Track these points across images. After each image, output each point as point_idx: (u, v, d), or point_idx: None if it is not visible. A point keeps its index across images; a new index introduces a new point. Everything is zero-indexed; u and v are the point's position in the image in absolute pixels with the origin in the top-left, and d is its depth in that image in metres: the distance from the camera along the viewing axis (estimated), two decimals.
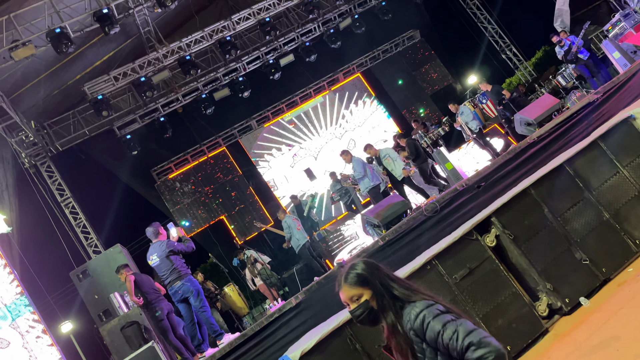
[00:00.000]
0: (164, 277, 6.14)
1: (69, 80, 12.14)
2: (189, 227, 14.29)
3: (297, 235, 9.59)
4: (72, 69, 11.76)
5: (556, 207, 4.97)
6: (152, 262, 6.25)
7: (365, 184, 8.89)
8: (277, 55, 14.32)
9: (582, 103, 6.19)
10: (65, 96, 12.56)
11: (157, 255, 6.20)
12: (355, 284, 2.01)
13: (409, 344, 1.93)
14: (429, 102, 17.16)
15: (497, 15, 16.28)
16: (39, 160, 12.34)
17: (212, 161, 15.21)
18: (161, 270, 6.14)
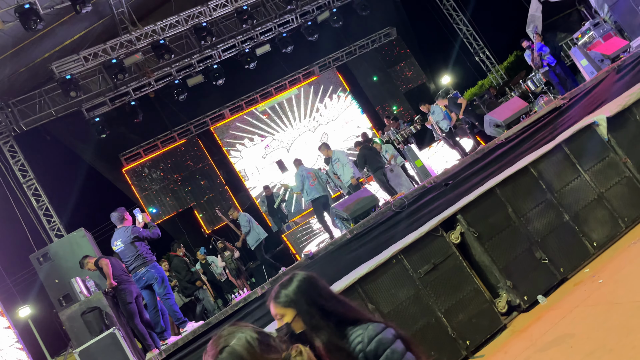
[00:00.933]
0: (128, 263, 6.05)
1: (37, 58, 11.75)
2: (157, 214, 14.09)
3: (257, 230, 9.13)
4: (40, 47, 11.38)
5: (520, 207, 5.10)
6: (116, 248, 6.15)
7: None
8: (254, 45, 14.20)
9: (549, 108, 6.37)
10: (33, 74, 12.16)
11: (122, 240, 6.11)
12: (280, 303, 1.96)
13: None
14: (403, 100, 17.33)
15: (472, 17, 16.53)
16: (1, 140, 11.96)
17: (182, 148, 15.02)
18: (125, 256, 6.05)
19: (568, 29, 13.73)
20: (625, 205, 5.33)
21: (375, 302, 4.56)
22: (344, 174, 8.83)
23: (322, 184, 8.91)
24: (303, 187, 8.71)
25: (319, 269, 5.35)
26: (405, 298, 4.63)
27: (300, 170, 8.92)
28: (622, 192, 5.42)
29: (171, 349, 5.19)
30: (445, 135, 10.57)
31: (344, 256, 5.47)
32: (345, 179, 8.82)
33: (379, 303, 4.57)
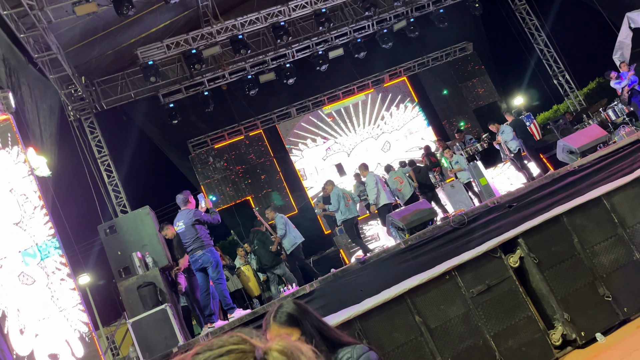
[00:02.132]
0: (187, 244, 6.29)
1: (123, 43, 12.46)
2: (216, 202, 14.52)
3: (294, 234, 8.98)
4: (128, 32, 12.06)
5: (587, 238, 4.88)
6: (177, 228, 6.41)
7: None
8: (327, 47, 14.37)
9: (631, 139, 6.05)
10: (118, 57, 12.90)
11: (184, 222, 6.35)
12: (285, 323, 1.93)
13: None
14: (471, 117, 16.94)
15: (554, 38, 15.92)
16: (83, 115, 12.74)
17: (247, 142, 15.40)
18: (185, 237, 6.30)
19: None
20: None
21: (423, 315, 4.50)
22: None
23: (355, 205, 9.13)
24: (339, 206, 8.80)
25: (369, 275, 5.34)
26: (455, 316, 4.54)
27: (336, 190, 9.11)
28: None
29: (217, 332, 5.34)
30: (513, 156, 10.26)
31: (395, 266, 5.43)
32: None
33: (427, 317, 4.50)
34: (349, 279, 5.42)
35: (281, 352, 0.85)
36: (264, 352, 0.85)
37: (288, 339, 0.89)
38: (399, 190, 10.19)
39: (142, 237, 6.93)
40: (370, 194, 9.07)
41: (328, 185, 9.40)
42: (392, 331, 4.42)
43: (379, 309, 4.48)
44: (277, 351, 0.85)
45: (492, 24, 16.36)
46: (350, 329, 4.45)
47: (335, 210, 8.91)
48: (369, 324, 4.45)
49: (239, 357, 0.83)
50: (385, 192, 8.95)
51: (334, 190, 9.04)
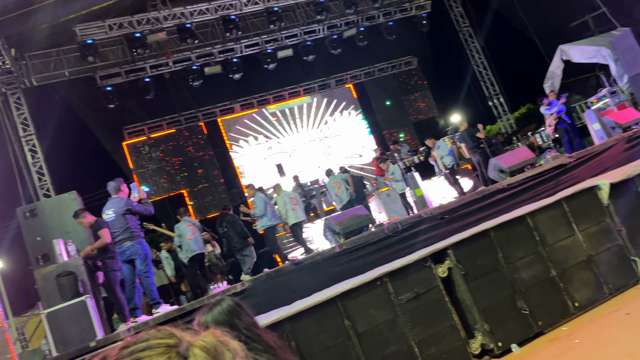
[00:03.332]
0: (116, 234, 6.01)
1: (61, 17, 11.77)
2: (148, 193, 14.02)
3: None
4: (68, 7, 11.40)
5: (510, 254, 5.14)
6: (106, 217, 6.11)
7: (263, 222, 8.58)
8: (277, 47, 14.30)
9: (556, 163, 6.44)
10: (54, 32, 12.16)
11: (114, 210, 6.07)
12: (218, 322, 1.89)
13: None
14: (411, 129, 17.44)
15: (493, 62, 16.73)
16: (10, 89, 11.91)
17: (186, 133, 15.02)
18: (114, 226, 6.01)
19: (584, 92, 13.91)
20: (612, 272, 5.38)
21: (353, 319, 4.56)
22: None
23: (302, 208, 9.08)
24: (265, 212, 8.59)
25: (303, 276, 5.35)
26: (383, 321, 4.63)
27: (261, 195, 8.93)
28: (611, 259, 5.47)
29: (141, 327, 5.14)
30: (447, 172, 10.62)
31: (329, 269, 5.47)
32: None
33: (356, 321, 4.56)
34: (282, 279, 5.40)
35: (203, 348, 0.83)
36: (187, 347, 0.83)
37: (216, 333, 0.88)
38: (337, 195, 10.30)
39: (66, 223, 6.57)
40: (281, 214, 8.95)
41: (250, 189, 9.12)
42: (321, 333, 4.44)
43: (309, 311, 4.48)
44: (199, 347, 0.84)
45: (437, 42, 16.96)
46: (280, 329, 4.43)
47: (260, 216, 8.65)
48: (299, 325, 4.45)
49: (163, 351, 0.82)
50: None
51: (257, 195, 8.86)
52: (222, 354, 0.84)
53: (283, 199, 8.95)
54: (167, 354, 0.82)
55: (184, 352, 0.82)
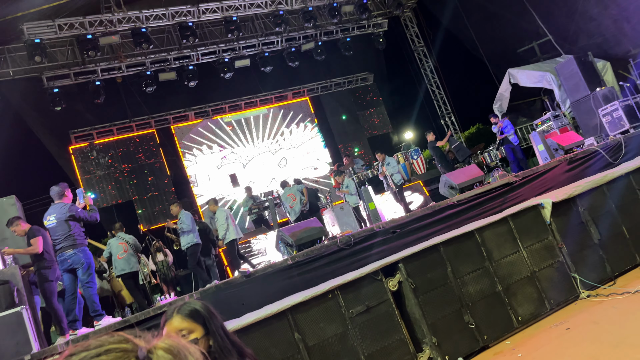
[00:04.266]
0: (57, 241, 5.72)
1: (8, 15, 11.26)
2: (95, 199, 13.51)
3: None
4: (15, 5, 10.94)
5: (458, 268, 5.25)
6: (47, 223, 5.81)
7: (187, 239, 8.43)
8: (234, 56, 14.22)
9: (503, 181, 6.67)
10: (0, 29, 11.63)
11: (56, 216, 5.78)
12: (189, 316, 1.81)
13: None
14: (365, 144, 17.68)
15: (446, 82, 17.27)
16: None
17: (137, 140, 14.61)
18: (56, 233, 5.72)
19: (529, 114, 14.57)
20: (553, 288, 5.58)
21: (303, 332, 4.51)
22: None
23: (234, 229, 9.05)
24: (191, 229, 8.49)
25: (254, 288, 5.26)
26: (333, 334, 4.60)
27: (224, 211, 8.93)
28: (553, 275, 5.68)
29: (80, 340, 4.90)
30: (396, 189, 10.72)
31: (280, 281, 5.41)
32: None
33: (306, 334, 4.52)
34: (232, 291, 5.29)
35: (167, 350, 0.79)
36: (148, 350, 0.78)
37: (176, 338, 0.84)
38: (291, 207, 10.26)
39: (3, 230, 6.21)
40: (220, 230, 8.84)
41: (175, 206, 8.89)
42: (270, 347, 4.37)
43: (259, 324, 4.41)
44: (162, 349, 0.79)
45: (393, 59, 17.36)
46: None
47: (186, 231, 8.42)
48: (247, 338, 4.36)
49: (120, 356, 0.76)
50: (234, 227, 8.80)
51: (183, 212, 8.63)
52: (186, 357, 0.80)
53: (225, 213, 8.90)
54: (124, 359, 0.76)
55: (144, 356, 0.77)
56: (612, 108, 9.09)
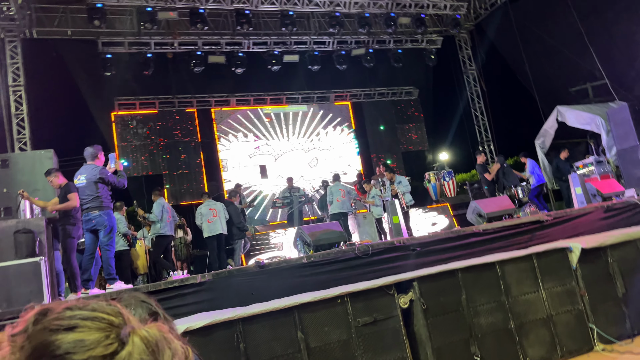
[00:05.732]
0: (84, 201, 5.85)
1: None
2: (127, 167, 13.81)
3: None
4: None
5: (473, 297, 5.13)
6: (77, 182, 5.95)
7: (153, 229, 8.35)
8: (284, 50, 14.32)
9: (533, 218, 6.51)
10: None
11: (86, 177, 5.91)
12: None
13: None
14: (399, 158, 17.55)
15: (491, 109, 16.98)
16: (9, 37, 11.66)
17: (177, 116, 14.86)
18: (84, 193, 5.85)
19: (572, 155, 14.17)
20: (568, 335, 5.41)
21: (307, 332, 4.49)
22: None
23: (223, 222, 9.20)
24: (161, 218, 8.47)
25: (265, 280, 5.27)
26: (336, 340, 4.57)
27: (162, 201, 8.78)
28: (569, 322, 5.51)
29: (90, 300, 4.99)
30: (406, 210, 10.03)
31: (292, 278, 5.39)
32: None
33: (309, 335, 4.49)
34: (244, 279, 5.31)
35: (144, 339, 0.78)
36: (129, 332, 0.78)
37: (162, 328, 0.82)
38: (338, 200, 10.15)
39: (36, 180, 6.39)
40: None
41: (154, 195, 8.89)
42: (272, 340, 4.36)
43: (265, 316, 4.41)
44: (140, 337, 0.78)
45: (440, 78, 17.17)
46: (231, 329, 4.34)
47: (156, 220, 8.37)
48: (251, 328, 4.37)
49: (104, 327, 0.77)
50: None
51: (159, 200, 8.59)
52: (162, 351, 0.79)
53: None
54: (106, 332, 0.77)
55: (124, 337, 0.77)
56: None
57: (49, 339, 0.75)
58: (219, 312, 4.62)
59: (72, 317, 0.77)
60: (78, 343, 0.75)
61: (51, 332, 0.75)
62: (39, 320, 0.78)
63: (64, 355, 0.74)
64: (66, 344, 0.74)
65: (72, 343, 0.75)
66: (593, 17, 13.51)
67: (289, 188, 12.05)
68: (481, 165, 11.36)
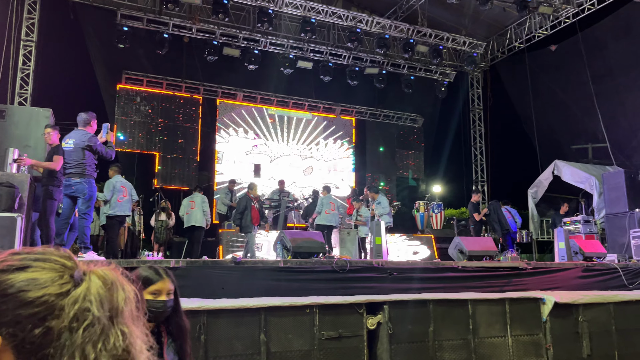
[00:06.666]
0: (68, 166, 5.77)
1: None
2: (122, 141, 13.74)
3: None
4: None
5: (441, 331, 5.12)
6: (65, 145, 5.86)
7: (103, 209, 8.03)
8: (299, 55, 14.39)
9: (513, 264, 6.53)
10: None
11: (74, 142, 5.82)
12: (173, 282, 2.26)
13: None
14: (392, 181, 17.60)
15: (490, 152, 17.10)
16: None
17: (182, 100, 14.83)
18: (70, 157, 5.77)
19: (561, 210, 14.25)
20: None
21: (269, 336, 4.45)
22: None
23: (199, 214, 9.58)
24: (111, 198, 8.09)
25: (238, 277, 5.22)
26: (297, 349, 4.53)
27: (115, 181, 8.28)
28: None
29: None
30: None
31: (265, 280, 5.35)
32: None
33: (271, 338, 4.46)
34: (217, 272, 5.26)
35: (101, 278, 0.79)
36: (84, 272, 0.79)
37: (117, 271, 0.83)
38: (327, 212, 10.16)
39: (29, 136, 6.35)
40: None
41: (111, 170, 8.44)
42: (233, 338, 4.32)
43: (231, 312, 4.37)
44: (97, 276, 0.79)
45: (447, 111, 17.30)
46: (195, 319, 4.29)
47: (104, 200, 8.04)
48: (215, 322, 4.32)
49: (57, 268, 0.77)
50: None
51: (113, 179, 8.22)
52: (117, 290, 0.79)
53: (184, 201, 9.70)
54: (59, 272, 0.76)
55: (79, 278, 0.77)
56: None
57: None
58: (186, 300, 4.56)
59: (22, 259, 0.77)
60: (32, 281, 0.74)
61: (2, 273, 0.75)
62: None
63: (16, 294, 0.73)
64: (19, 282, 0.74)
65: (25, 281, 0.74)
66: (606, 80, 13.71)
67: (280, 191, 12.04)
68: (474, 204, 11.43)
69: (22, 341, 0.72)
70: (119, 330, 0.77)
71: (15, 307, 0.73)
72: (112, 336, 0.76)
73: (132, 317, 0.81)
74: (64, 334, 0.73)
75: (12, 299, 0.73)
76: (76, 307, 0.75)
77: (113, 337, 0.76)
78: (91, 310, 0.75)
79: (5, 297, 0.73)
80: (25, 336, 0.72)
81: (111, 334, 0.76)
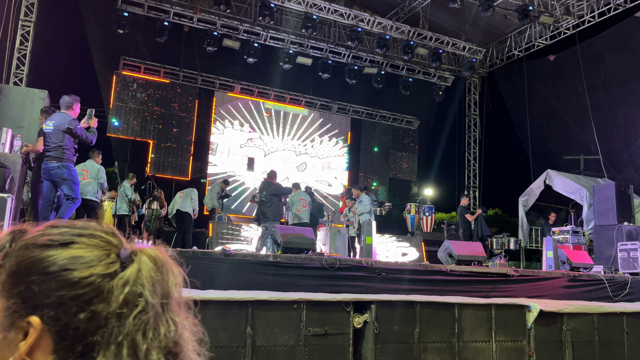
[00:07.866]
0: (47, 148, 5.67)
1: None
2: (117, 127, 13.65)
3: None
4: None
5: (426, 333, 5.15)
6: (45, 127, 5.77)
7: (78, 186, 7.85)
8: (299, 51, 14.36)
9: (501, 270, 6.57)
10: None
11: (54, 124, 5.72)
12: None
13: None
14: (385, 182, 17.62)
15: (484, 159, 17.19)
16: None
17: (179, 90, 14.74)
18: (49, 139, 5.68)
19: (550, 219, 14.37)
20: None
21: (255, 329, 4.46)
22: None
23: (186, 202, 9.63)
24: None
25: (227, 269, 5.22)
26: (283, 344, 4.54)
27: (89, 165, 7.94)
28: None
29: None
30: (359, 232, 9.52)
31: (254, 273, 5.36)
32: None
33: (257, 332, 4.46)
34: (206, 263, 5.25)
35: (152, 259, 0.72)
36: (132, 252, 0.71)
37: (165, 252, 0.76)
38: (298, 210, 10.14)
39: (23, 117, 6.29)
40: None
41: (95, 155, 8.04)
42: (219, 330, 4.32)
43: (219, 303, 4.37)
44: (148, 256, 0.72)
45: (443, 115, 17.38)
46: None
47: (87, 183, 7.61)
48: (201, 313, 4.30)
49: (102, 245, 0.70)
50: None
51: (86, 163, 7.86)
52: (168, 274, 0.73)
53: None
54: (106, 250, 0.70)
55: (126, 257, 0.70)
56: (631, 246, 8.92)
57: (38, 255, 0.67)
58: None
59: (63, 233, 0.70)
60: (76, 259, 0.67)
61: (41, 248, 0.68)
62: (17, 237, 0.69)
63: (59, 272, 0.66)
64: (62, 260, 0.67)
65: (69, 259, 0.67)
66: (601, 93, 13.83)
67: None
68: (463, 207, 11.51)
69: (64, 326, 0.65)
70: (170, 320, 0.71)
71: (58, 288, 0.65)
72: (162, 326, 0.70)
73: (180, 305, 0.75)
74: (112, 320, 0.66)
75: (54, 279, 0.66)
76: (126, 291, 0.68)
77: (164, 327, 0.70)
78: (144, 296, 0.68)
79: (46, 276, 0.66)
80: (68, 321, 0.65)
81: (162, 323, 0.70)
